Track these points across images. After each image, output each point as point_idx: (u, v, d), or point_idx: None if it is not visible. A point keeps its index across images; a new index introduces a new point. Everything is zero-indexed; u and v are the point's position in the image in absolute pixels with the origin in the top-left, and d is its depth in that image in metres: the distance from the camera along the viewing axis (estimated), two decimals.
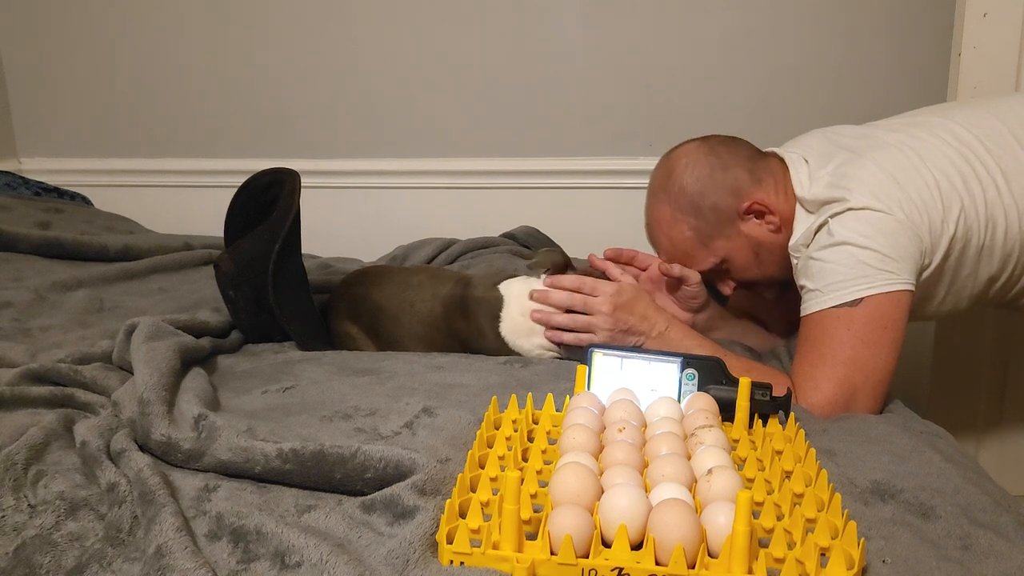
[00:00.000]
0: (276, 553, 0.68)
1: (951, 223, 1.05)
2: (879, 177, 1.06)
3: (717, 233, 1.17)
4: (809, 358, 1.05)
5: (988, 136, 1.09)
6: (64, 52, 2.02)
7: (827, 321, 1.04)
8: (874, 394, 1.03)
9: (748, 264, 1.19)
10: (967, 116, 1.13)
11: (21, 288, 1.39)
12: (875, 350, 1.02)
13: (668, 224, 1.18)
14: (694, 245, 1.18)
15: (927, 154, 1.08)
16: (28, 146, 2.10)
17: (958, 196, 1.05)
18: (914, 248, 1.04)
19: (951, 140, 1.09)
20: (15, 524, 0.73)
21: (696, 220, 1.16)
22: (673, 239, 1.19)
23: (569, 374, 1.03)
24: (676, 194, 1.17)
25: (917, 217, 1.04)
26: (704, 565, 0.65)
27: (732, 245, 1.17)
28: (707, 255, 1.18)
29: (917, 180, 1.06)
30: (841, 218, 1.05)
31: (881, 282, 1.02)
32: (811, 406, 1.02)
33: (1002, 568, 0.68)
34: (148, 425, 0.87)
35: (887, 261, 1.02)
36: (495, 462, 0.80)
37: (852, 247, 1.03)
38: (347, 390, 1.01)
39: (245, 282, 1.19)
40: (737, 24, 1.73)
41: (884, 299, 1.02)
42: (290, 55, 1.92)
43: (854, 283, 1.03)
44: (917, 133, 1.11)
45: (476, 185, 1.88)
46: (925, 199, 1.04)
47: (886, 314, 1.02)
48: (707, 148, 1.18)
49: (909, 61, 1.67)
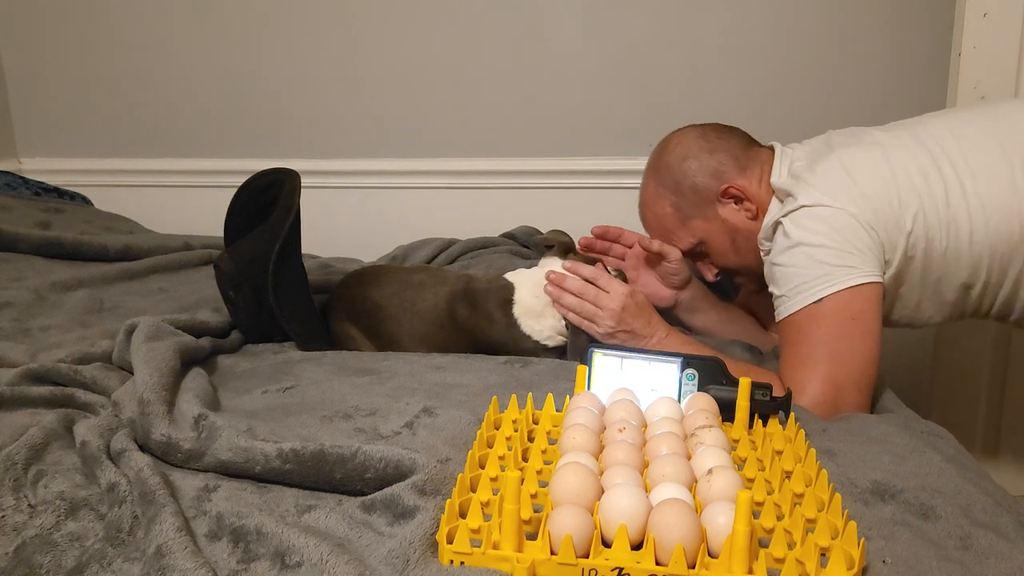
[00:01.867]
0: (276, 553, 0.68)
1: (907, 220, 1.05)
2: (836, 173, 1.07)
3: (695, 213, 1.21)
4: (790, 362, 1.06)
5: (970, 139, 1.08)
6: (64, 52, 2.02)
7: (798, 323, 1.05)
8: (859, 387, 1.03)
9: (725, 249, 1.22)
10: (962, 119, 1.13)
11: (21, 288, 1.39)
12: (849, 343, 1.03)
13: (652, 200, 1.24)
14: (674, 222, 1.22)
15: (893, 151, 1.08)
16: (28, 146, 2.10)
17: (916, 194, 1.05)
18: (871, 241, 1.04)
19: (926, 140, 1.09)
20: (15, 524, 0.73)
21: (676, 197, 1.21)
22: (656, 214, 1.24)
23: (569, 374, 1.03)
24: (662, 171, 1.22)
25: (870, 212, 1.04)
26: (704, 565, 0.65)
27: (709, 227, 1.21)
28: (685, 234, 1.22)
29: (874, 176, 1.06)
30: (794, 216, 1.07)
31: (841, 278, 1.03)
32: (801, 408, 1.01)
33: (1002, 568, 0.68)
34: (148, 425, 0.87)
35: (844, 256, 1.03)
36: (495, 462, 0.80)
37: (808, 247, 1.05)
38: (347, 390, 1.01)
39: (245, 282, 1.19)
40: (737, 24, 1.73)
41: (848, 293, 1.03)
42: (290, 55, 1.92)
43: (815, 283, 1.04)
44: (899, 133, 1.12)
45: (476, 185, 1.88)
46: (880, 194, 1.05)
47: (852, 307, 1.03)
48: (699, 132, 1.23)
49: (909, 61, 1.67)
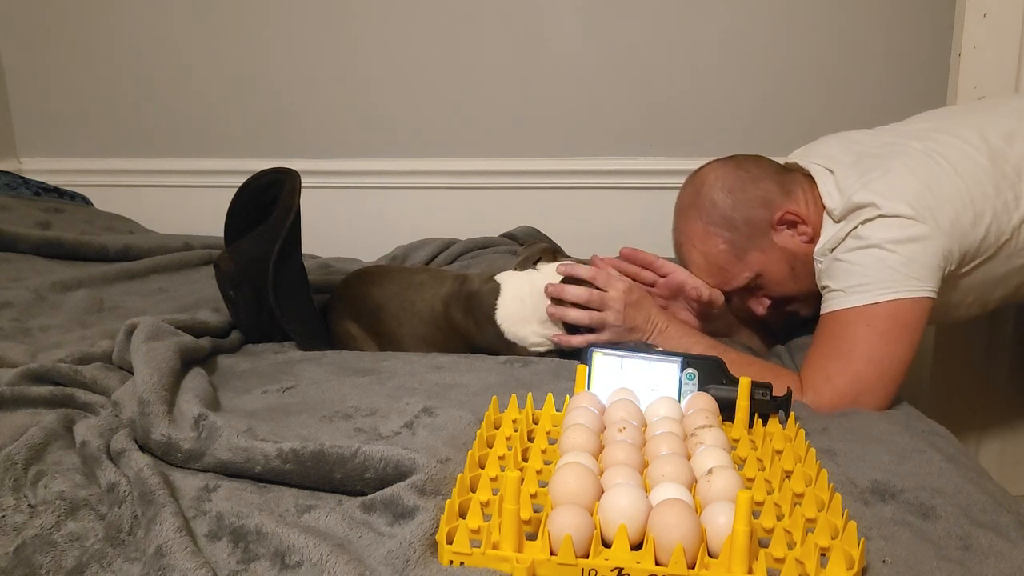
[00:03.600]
0: (276, 553, 0.68)
1: (981, 230, 1.04)
2: (911, 183, 1.05)
3: (751, 245, 1.16)
4: (824, 351, 1.05)
5: (1013, 138, 1.08)
6: (64, 52, 2.02)
7: (848, 318, 1.04)
8: (885, 391, 1.03)
9: (783, 278, 1.17)
10: (989, 118, 1.12)
11: (21, 288, 1.39)
12: (893, 348, 1.02)
13: (701, 239, 1.17)
14: (728, 259, 1.17)
15: (958, 161, 1.06)
16: (28, 146, 2.10)
17: (990, 204, 1.04)
18: (941, 257, 1.03)
19: (980, 144, 1.08)
20: (15, 524, 0.73)
21: (730, 233, 1.16)
22: (707, 254, 1.18)
23: (569, 374, 1.03)
24: (708, 209, 1.16)
25: (948, 226, 1.03)
26: (704, 565, 0.65)
27: (767, 258, 1.16)
28: (742, 269, 1.17)
29: (949, 188, 1.04)
30: (871, 224, 1.05)
31: (906, 288, 1.02)
32: (819, 396, 1.01)
33: (1002, 568, 0.68)
34: (148, 425, 0.87)
35: (914, 268, 1.02)
36: (495, 462, 0.80)
37: (880, 251, 1.03)
38: (347, 390, 1.01)
39: (245, 282, 1.19)
40: (737, 24, 1.73)
41: (906, 303, 1.02)
42: (290, 55, 1.92)
43: (879, 286, 1.02)
44: (943, 139, 1.10)
45: (476, 185, 1.88)
46: (957, 209, 1.03)
47: (907, 317, 1.02)
48: (734, 164, 1.19)
49: (909, 61, 1.67)
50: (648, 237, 1.39)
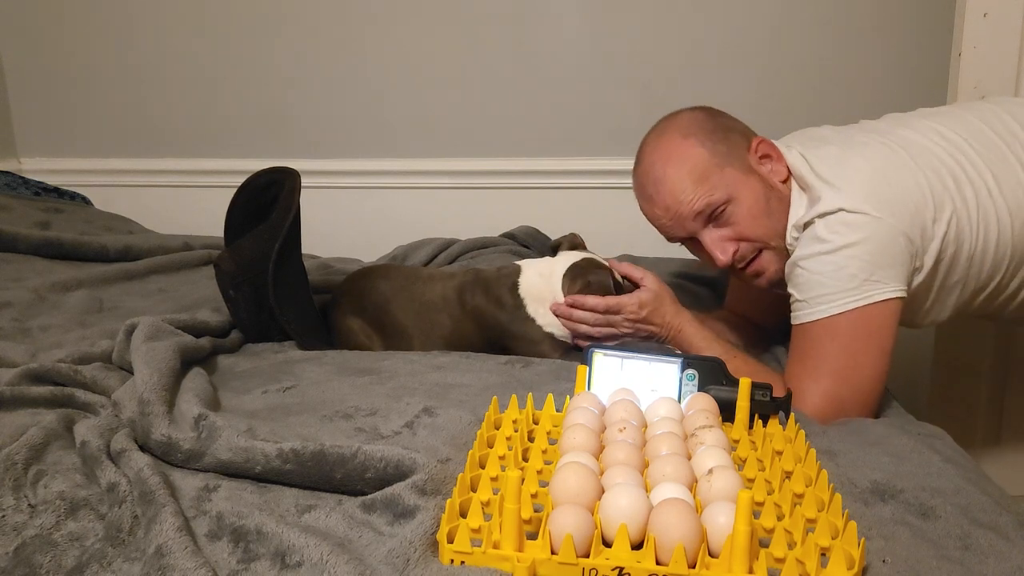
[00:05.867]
0: (276, 553, 0.68)
1: (942, 224, 1.03)
2: (870, 176, 1.03)
3: (729, 162, 1.11)
4: (796, 369, 1.05)
5: (975, 138, 1.07)
6: (64, 52, 2.02)
7: (812, 333, 1.04)
8: (863, 403, 1.02)
9: (758, 211, 1.11)
10: (950, 119, 1.11)
11: (21, 288, 1.39)
12: (859, 359, 1.01)
13: (679, 150, 1.12)
14: (708, 166, 1.10)
15: (917, 153, 1.05)
16: (28, 146, 2.10)
17: (950, 197, 1.03)
18: (905, 253, 1.01)
19: (939, 140, 1.07)
20: (15, 524, 0.73)
21: (710, 142, 1.11)
22: (685, 162, 1.11)
23: (569, 374, 1.03)
24: (686, 124, 1.14)
25: (908, 220, 1.01)
26: (704, 565, 0.65)
27: (744, 181, 1.11)
28: (719, 181, 1.10)
29: (908, 180, 1.03)
30: (829, 221, 1.02)
31: (865, 293, 1.01)
32: (804, 411, 1.01)
33: (1002, 568, 0.68)
34: (148, 425, 0.87)
35: (875, 270, 1.00)
36: (495, 462, 0.80)
37: (839, 257, 1.01)
38: (347, 390, 1.01)
39: (245, 282, 1.19)
40: (737, 24, 1.73)
41: (869, 309, 1.01)
42: (290, 55, 1.92)
43: (839, 296, 1.01)
44: (903, 133, 1.09)
45: (476, 185, 1.89)
46: (916, 200, 1.02)
47: (870, 323, 1.01)
48: (704, 107, 1.19)
49: (909, 61, 1.67)
50: (648, 237, 1.38)
